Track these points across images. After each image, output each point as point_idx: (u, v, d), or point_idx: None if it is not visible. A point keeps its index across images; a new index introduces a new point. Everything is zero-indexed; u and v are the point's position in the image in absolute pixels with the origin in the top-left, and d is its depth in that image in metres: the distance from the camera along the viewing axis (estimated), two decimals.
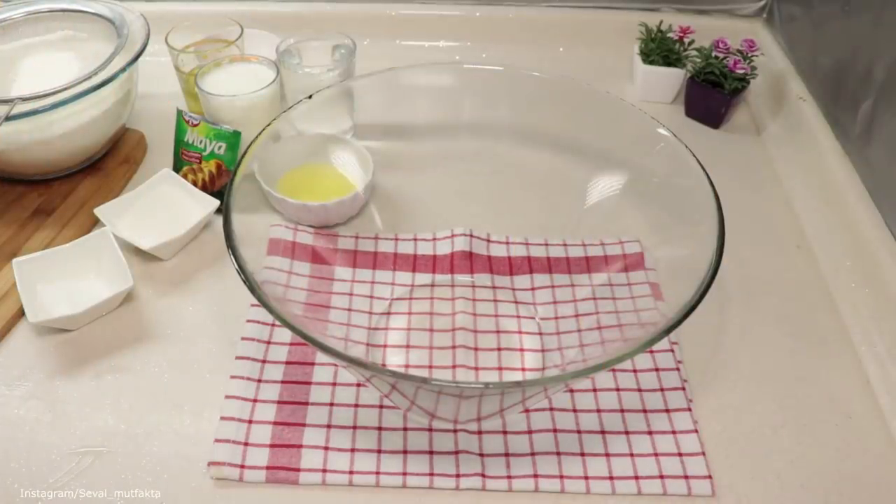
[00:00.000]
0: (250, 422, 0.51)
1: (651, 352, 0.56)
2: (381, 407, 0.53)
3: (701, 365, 0.56)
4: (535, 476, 0.48)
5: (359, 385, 0.54)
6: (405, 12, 0.94)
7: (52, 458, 0.50)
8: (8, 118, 0.61)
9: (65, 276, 0.60)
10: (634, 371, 0.55)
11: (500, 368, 0.56)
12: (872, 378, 0.55)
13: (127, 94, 0.72)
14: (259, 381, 0.54)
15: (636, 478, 0.49)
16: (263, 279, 0.47)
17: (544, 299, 0.61)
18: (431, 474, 0.49)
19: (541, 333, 0.58)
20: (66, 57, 0.75)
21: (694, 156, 0.52)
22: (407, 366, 0.56)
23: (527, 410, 0.52)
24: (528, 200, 0.67)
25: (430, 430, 0.51)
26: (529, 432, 0.51)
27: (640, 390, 0.54)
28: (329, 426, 0.51)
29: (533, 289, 0.62)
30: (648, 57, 0.83)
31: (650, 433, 0.51)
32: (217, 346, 0.58)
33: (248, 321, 0.58)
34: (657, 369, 0.55)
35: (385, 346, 0.57)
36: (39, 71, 0.73)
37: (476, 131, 0.67)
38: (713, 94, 0.79)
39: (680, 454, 0.50)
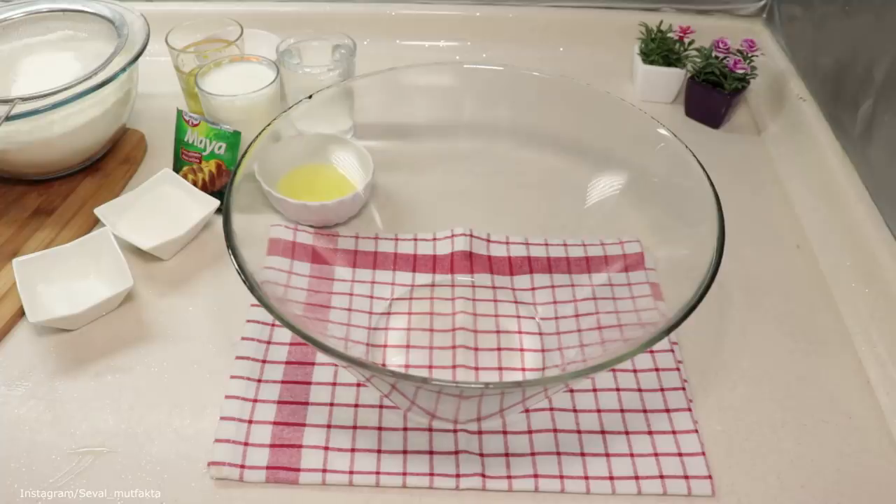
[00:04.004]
0: (250, 422, 0.51)
1: (651, 352, 0.56)
2: (381, 407, 0.53)
3: (701, 365, 0.56)
4: (536, 476, 0.48)
5: (359, 385, 0.54)
6: (405, 12, 0.94)
7: (52, 458, 0.50)
8: (8, 118, 0.61)
9: (65, 276, 0.60)
10: (634, 371, 0.55)
11: (500, 368, 0.56)
12: (872, 378, 0.56)
13: (127, 94, 0.72)
14: (259, 381, 0.54)
15: (636, 478, 0.49)
16: (263, 279, 0.47)
17: (544, 299, 0.61)
18: (431, 474, 0.49)
19: (541, 333, 0.58)
20: (66, 57, 0.75)
21: (694, 156, 0.52)
22: (407, 366, 0.56)
23: (527, 410, 0.52)
24: (528, 200, 0.67)
25: (430, 430, 0.51)
26: (529, 432, 0.51)
27: (640, 390, 0.54)
28: (329, 426, 0.51)
29: (533, 289, 0.62)
30: (648, 57, 0.83)
31: (650, 433, 0.51)
32: (217, 346, 0.58)
33: (248, 321, 0.58)
34: (657, 369, 0.55)
35: (385, 346, 0.57)
36: (39, 71, 0.73)
37: (476, 131, 0.67)
38: (713, 94, 0.79)
39: (680, 454, 0.50)
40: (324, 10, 0.93)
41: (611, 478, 0.49)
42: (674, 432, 0.51)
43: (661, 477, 0.49)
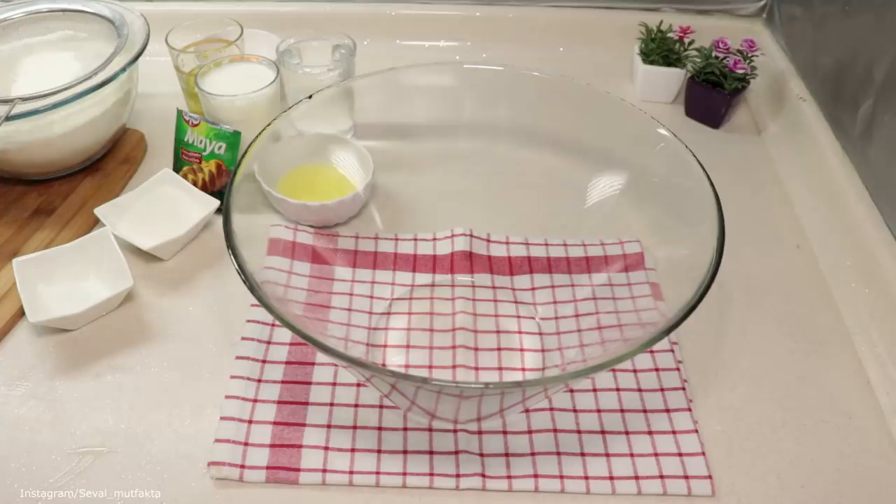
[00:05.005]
0: (250, 422, 0.51)
1: (651, 352, 0.56)
2: (381, 407, 0.53)
3: (701, 365, 0.56)
4: (536, 476, 0.48)
5: (359, 385, 0.54)
6: (405, 12, 0.94)
7: (52, 458, 0.50)
8: (8, 118, 0.61)
9: (65, 276, 0.60)
10: (634, 371, 0.55)
11: (500, 368, 0.56)
12: (872, 378, 0.56)
13: (127, 94, 0.72)
14: (259, 381, 0.54)
15: (636, 478, 0.49)
16: (263, 279, 0.47)
17: (544, 299, 0.61)
18: (431, 474, 0.49)
19: (541, 333, 0.58)
20: (66, 57, 0.75)
21: (694, 156, 0.52)
22: (407, 366, 0.56)
23: (527, 410, 0.52)
24: (528, 200, 0.67)
25: (430, 430, 0.51)
26: (529, 432, 0.51)
27: (640, 390, 0.54)
28: (329, 426, 0.51)
29: (533, 289, 0.62)
30: (648, 57, 0.83)
31: (650, 433, 0.51)
32: (217, 346, 0.58)
33: (248, 321, 0.58)
34: (657, 369, 0.55)
35: (385, 346, 0.57)
36: (39, 71, 0.73)
37: (476, 131, 0.67)
38: (713, 94, 0.79)
39: (680, 454, 0.50)
40: (324, 10, 0.93)
41: (611, 478, 0.49)
42: (674, 432, 0.51)
43: (661, 477, 0.49)
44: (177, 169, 0.70)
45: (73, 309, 0.56)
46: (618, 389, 0.54)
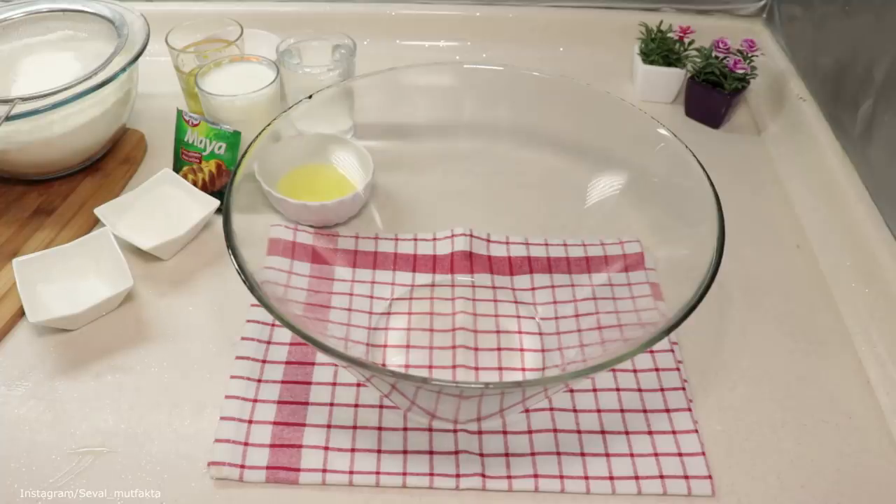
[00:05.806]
0: (250, 422, 0.51)
1: (651, 352, 0.56)
2: (381, 407, 0.53)
3: (701, 365, 0.56)
4: (536, 476, 0.48)
5: (359, 385, 0.54)
6: (405, 12, 0.94)
7: (52, 458, 0.50)
8: (8, 118, 0.61)
9: (65, 276, 0.60)
10: (634, 371, 0.55)
11: (500, 368, 0.56)
12: (872, 378, 0.56)
13: (127, 94, 0.72)
14: (259, 381, 0.54)
15: (636, 478, 0.49)
16: (263, 279, 0.47)
17: (544, 299, 0.61)
18: (431, 474, 0.49)
19: (541, 333, 0.58)
20: (66, 57, 0.75)
21: (694, 156, 0.52)
22: (407, 366, 0.56)
23: (527, 410, 0.52)
24: (528, 200, 0.67)
25: (430, 430, 0.51)
26: (529, 432, 0.51)
27: (640, 390, 0.54)
28: (329, 426, 0.51)
29: (533, 289, 0.62)
30: (648, 57, 0.83)
31: (650, 433, 0.51)
32: (217, 346, 0.58)
33: (248, 321, 0.58)
34: (657, 369, 0.55)
35: (385, 346, 0.57)
36: (39, 71, 0.73)
37: (476, 131, 0.67)
38: (713, 94, 0.79)
39: (680, 454, 0.50)
40: (324, 10, 0.94)
41: (611, 478, 0.49)
42: (674, 432, 0.51)
43: (661, 477, 0.49)
44: (177, 169, 0.70)
45: (73, 309, 0.56)
46: (618, 389, 0.54)
